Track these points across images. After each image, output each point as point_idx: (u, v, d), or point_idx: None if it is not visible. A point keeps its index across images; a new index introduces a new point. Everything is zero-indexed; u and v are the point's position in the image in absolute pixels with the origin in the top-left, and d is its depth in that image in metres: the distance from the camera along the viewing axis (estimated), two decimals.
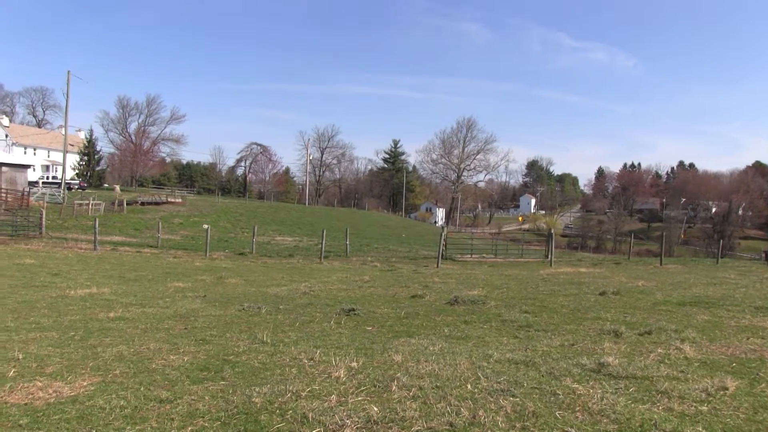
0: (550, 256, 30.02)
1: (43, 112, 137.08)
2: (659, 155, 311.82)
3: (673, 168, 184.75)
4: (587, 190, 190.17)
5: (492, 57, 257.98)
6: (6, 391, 5.29)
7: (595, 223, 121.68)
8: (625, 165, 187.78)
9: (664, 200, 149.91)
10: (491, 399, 5.01)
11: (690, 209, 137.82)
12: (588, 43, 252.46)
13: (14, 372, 6.01)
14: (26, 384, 5.52)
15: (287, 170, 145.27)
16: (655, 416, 4.62)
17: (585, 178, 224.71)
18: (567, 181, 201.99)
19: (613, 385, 5.51)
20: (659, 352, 7.00)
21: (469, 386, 5.39)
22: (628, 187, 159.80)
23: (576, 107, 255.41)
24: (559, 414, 4.66)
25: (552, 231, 36.94)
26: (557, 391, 5.24)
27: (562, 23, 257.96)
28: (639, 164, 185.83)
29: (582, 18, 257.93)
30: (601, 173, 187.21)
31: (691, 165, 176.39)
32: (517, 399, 5.00)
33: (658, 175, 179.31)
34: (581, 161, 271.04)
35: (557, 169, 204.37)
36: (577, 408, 4.81)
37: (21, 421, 4.54)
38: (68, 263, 22.31)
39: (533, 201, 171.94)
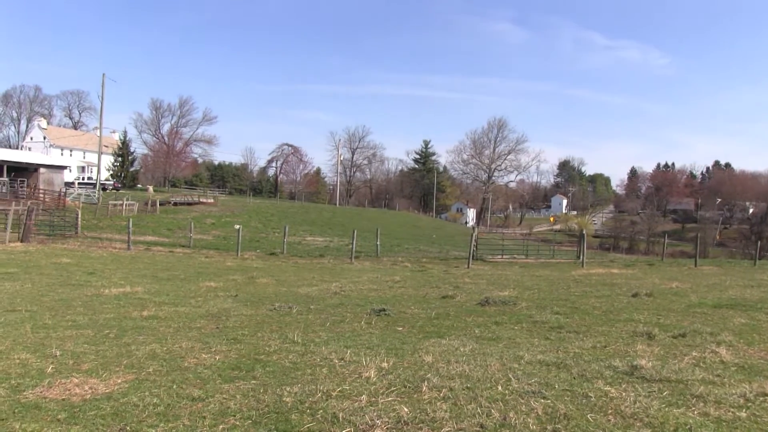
0: (581, 256, 29.75)
1: (79, 114, 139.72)
2: (694, 155, 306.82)
3: (708, 168, 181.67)
4: (619, 191, 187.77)
5: (524, 56, 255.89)
6: (45, 387, 5.41)
7: (628, 223, 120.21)
8: (658, 165, 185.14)
9: (699, 201, 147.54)
10: (522, 401, 4.97)
11: (726, 210, 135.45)
12: (620, 42, 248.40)
13: (52, 368, 6.13)
14: (63, 380, 5.63)
15: (318, 171, 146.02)
16: (690, 421, 4.53)
17: (617, 178, 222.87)
18: (599, 181, 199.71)
19: (647, 388, 5.42)
20: (694, 356, 6.86)
21: (499, 387, 5.36)
22: (661, 187, 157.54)
23: (608, 106, 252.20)
24: (591, 417, 4.61)
25: (584, 231, 36.52)
26: (589, 394, 5.18)
27: (594, 22, 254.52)
28: (673, 164, 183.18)
29: (614, 16, 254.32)
30: (633, 173, 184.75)
31: (727, 165, 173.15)
32: (549, 401, 4.96)
33: (692, 175, 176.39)
34: (613, 161, 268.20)
35: (589, 170, 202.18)
36: (610, 411, 4.74)
37: (59, 416, 4.64)
38: (103, 262, 22.67)
39: (565, 201, 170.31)
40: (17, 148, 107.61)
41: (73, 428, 4.40)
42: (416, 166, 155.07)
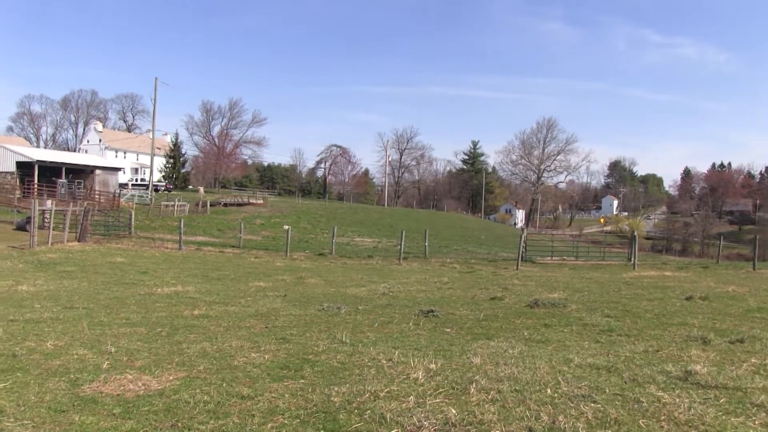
0: (633, 259, 29.17)
1: (133, 117, 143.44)
2: (752, 154, 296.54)
3: (767, 167, 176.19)
4: (672, 191, 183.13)
5: (574, 55, 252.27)
6: (101, 382, 5.57)
7: (681, 225, 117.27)
8: (713, 165, 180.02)
9: (758, 201, 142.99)
10: (572, 404, 4.91)
11: None
12: (676, 39, 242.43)
13: (107, 364, 6.30)
14: (118, 376, 5.78)
15: (366, 172, 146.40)
16: (750, 431, 4.40)
17: (670, 178, 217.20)
18: (651, 181, 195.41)
19: (702, 394, 5.26)
20: (753, 362, 6.61)
21: (548, 391, 5.30)
22: (717, 187, 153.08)
23: (662, 105, 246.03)
24: (642, 422, 4.51)
25: (635, 233, 35.84)
26: (641, 399, 5.07)
27: (648, 19, 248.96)
28: (729, 164, 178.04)
29: (669, 12, 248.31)
30: (687, 173, 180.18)
31: None
32: (599, 405, 4.88)
33: (750, 175, 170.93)
34: (666, 161, 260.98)
35: (641, 170, 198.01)
36: (663, 417, 4.64)
37: (114, 411, 4.78)
38: (155, 262, 23.15)
39: (615, 202, 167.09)
40: (75, 151, 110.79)
41: (127, 423, 4.51)
42: (464, 167, 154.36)
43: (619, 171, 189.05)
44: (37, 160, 55.93)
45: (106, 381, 5.62)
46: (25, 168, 55.80)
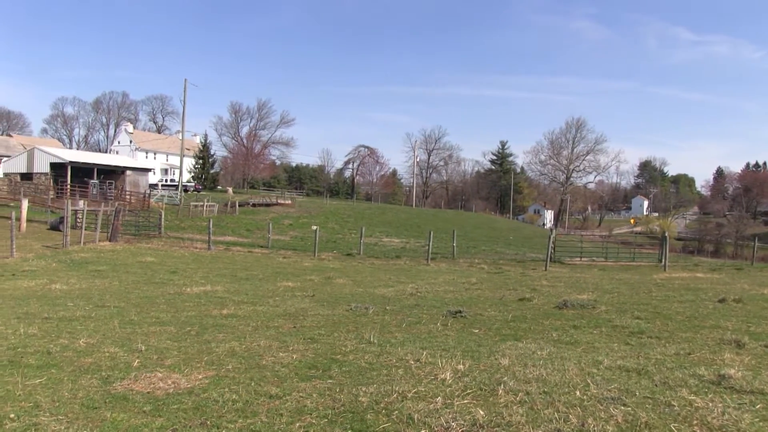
0: (663, 260, 28.79)
1: (163, 118, 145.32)
2: None
3: None
4: (704, 192, 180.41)
5: (604, 54, 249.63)
6: (132, 380, 5.65)
7: (714, 226, 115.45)
8: (747, 164, 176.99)
9: None
10: (601, 407, 4.85)
11: None
12: (709, 36, 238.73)
13: (138, 362, 6.38)
14: (148, 374, 5.85)
15: (394, 172, 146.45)
16: None
17: (702, 178, 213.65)
18: (682, 182, 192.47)
19: (736, 399, 5.15)
20: None
21: (577, 393, 5.25)
22: (751, 188, 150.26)
23: (694, 104, 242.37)
24: (674, 427, 4.44)
25: (666, 234, 35.40)
26: (672, 403, 4.99)
27: (680, 16, 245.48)
28: (765, 163, 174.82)
29: (703, 10, 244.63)
30: (720, 173, 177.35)
31: None
32: (629, 408, 4.81)
33: None
34: (698, 161, 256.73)
35: (671, 170, 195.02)
36: (695, 422, 4.55)
37: (145, 408, 4.84)
38: (185, 262, 23.40)
39: (646, 203, 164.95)
40: (106, 152, 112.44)
41: (157, 420, 4.56)
42: (493, 167, 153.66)
43: (649, 171, 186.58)
44: (70, 161, 56.84)
45: (136, 379, 5.70)
46: (58, 169, 56.76)
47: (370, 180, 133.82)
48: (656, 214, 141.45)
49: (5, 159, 61.87)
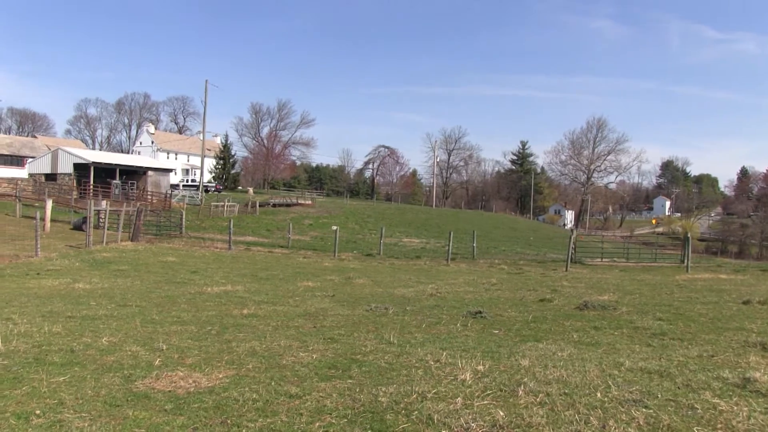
0: (686, 261, 28.46)
1: (184, 119, 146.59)
2: None
3: None
4: (728, 192, 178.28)
5: (627, 53, 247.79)
6: (153, 378, 5.69)
7: (738, 226, 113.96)
8: None
9: None
10: (622, 409, 4.81)
11: None
12: (734, 34, 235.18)
13: (159, 361, 6.44)
14: (169, 373, 5.89)
15: (414, 172, 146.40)
16: None
17: (725, 178, 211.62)
18: (705, 182, 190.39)
19: (762, 403, 5.03)
20: None
21: (598, 394, 5.21)
22: None
23: (717, 103, 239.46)
24: (697, 430, 4.38)
25: (688, 234, 35.01)
26: (695, 405, 4.93)
27: (704, 14, 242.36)
28: None
29: (728, 7, 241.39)
30: (744, 173, 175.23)
31: None
32: (651, 411, 4.77)
33: None
34: (721, 161, 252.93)
35: (694, 170, 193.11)
36: (719, 425, 4.48)
37: (166, 407, 4.87)
38: (205, 261, 23.56)
39: (668, 203, 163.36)
40: (128, 153, 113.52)
41: (178, 419, 4.60)
42: (513, 168, 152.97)
43: (671, 171, 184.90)
44: (93, 162, 57.49)
45: (158, 377, 5.74)
46: (81, 169, 57.45)
47: (390, 180, 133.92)
48: (678, 215, 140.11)
49: (30, 160, 62.67)
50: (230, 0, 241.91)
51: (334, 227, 35.96)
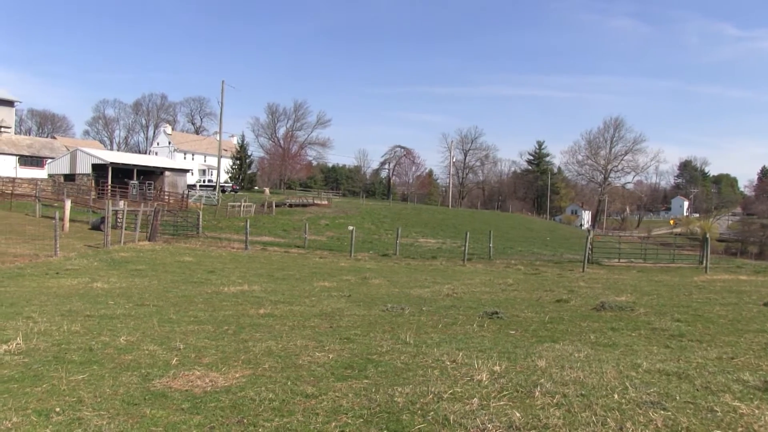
0: (705, 261, 28.21)
1: (201, 119, 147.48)
2: None
3: None
4: (748, 192, 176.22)
5: (643, 52, 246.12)
6: (170, 377, 5.73)
7: (758, 227, 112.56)
8: None
9: None
10: (640, 411, 4.77)
11: None
12: (755, 32, 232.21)
13: (176, 360, 6.48)
14: (186, 372, 5.93)
15: (430, 172, 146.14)
16: None
17: (745, 178, 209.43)
18: (724, 182, 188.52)
19: None
20: None
21: (616, 396, 5.17)
22: None
23: (737, 102, 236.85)
24: None
25: (707, 235, 34.71)
26: (714, 408, 4.88)
27: (724, 12, 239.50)
28: None
29: (749, 3, 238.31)
30: (765, 173, 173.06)
31: None
32: (669, 413, 4.73)
33: None
34: (741, 161, 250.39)
35: (713, 170, 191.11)
36: (740, 429, 4.43)
37: (183, 406, 4.91)
38: (222, 261, 23.67)
39: (686, 203, 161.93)
40: (146, 153, 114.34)
41: (195, 418, 4.63)
42: (529, 168, 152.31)
43: (689, 171, 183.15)
44: (111, 163, 57.98)
45: (175, 376, 5.78)
46: (99, 170, 57.97)
47: (406, 180, 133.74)
48: (697, 215, 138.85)
49: (50, 160, 63.32)
50: (246, 1, 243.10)
51: (350, 227, 36.02)
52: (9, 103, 69.68)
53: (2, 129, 65.25)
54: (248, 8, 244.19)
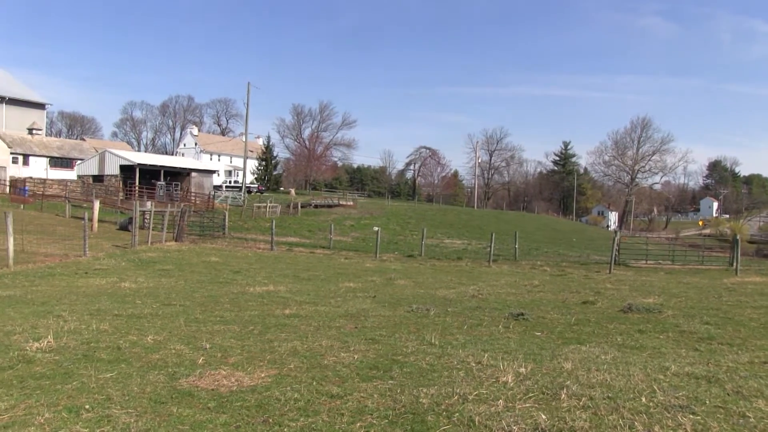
0: (735, 263, 27.76)
1: (227, 121, 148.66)
2: None
3: None
4: None
5: (673, 51, 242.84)
6: (197, 377, 5.78)
7: None
8: None
9: None
10: (668, 415, 4.71)
11: None
12: None
13: (202, 360, 6.53)
14: (212, 372, 5.97)
15: (456, 173, 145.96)
16: None
17: None
18: (755, 182, 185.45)
19: None
20: None
21: (643, 399, 5.11)
22: None
23: None
24: None
25: (738, 236, 34.15)
26: (747, 413, 4.79)
27: (757, 8, 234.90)
28: None
29: None
30: None
31: None
32: (698, 417, 4.66)
33: None
34: None
35: (744, 170, 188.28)
36: None
37: (209, 405, 4.95)
38: (248, 262, 23.79)
39: (715, 204, 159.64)
40: (172, 154, 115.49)
41: (221, 417, 4.66)
42: (555, 168, 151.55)
43: (719, 171, 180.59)
44: (138, 164, 58.58)
45: (201, 376, 5.83)
46: (127, 171, 58.65)
47: (432, 181, 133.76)
48: (726, 216, 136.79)
49: (79, 162, 64.31)
50: (272, 2, 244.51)
51: (376, 228, 36.06)
52: (40, 106, 70.93)
53: (34, 131, 66.42)
54: (274, 9, 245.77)
